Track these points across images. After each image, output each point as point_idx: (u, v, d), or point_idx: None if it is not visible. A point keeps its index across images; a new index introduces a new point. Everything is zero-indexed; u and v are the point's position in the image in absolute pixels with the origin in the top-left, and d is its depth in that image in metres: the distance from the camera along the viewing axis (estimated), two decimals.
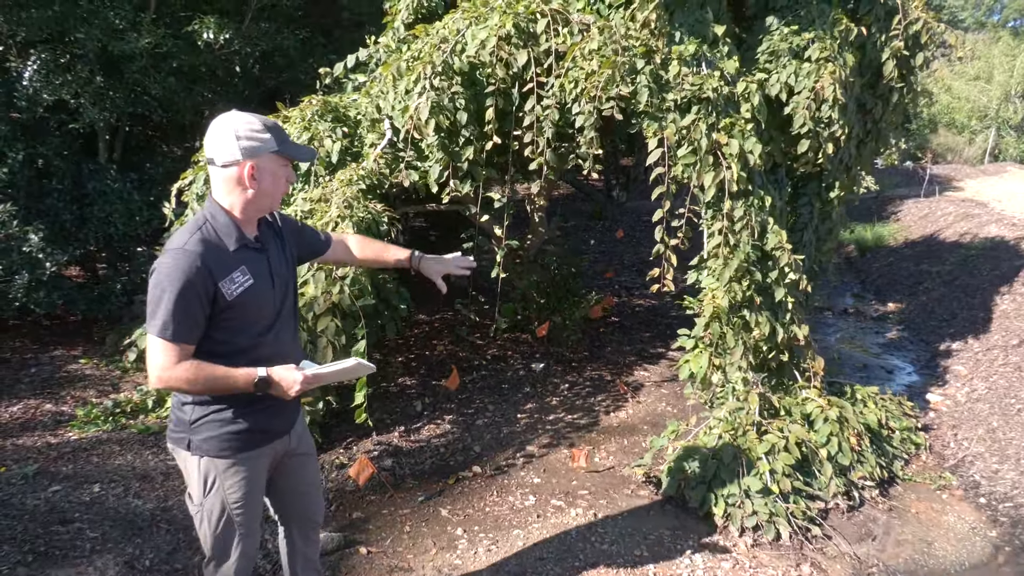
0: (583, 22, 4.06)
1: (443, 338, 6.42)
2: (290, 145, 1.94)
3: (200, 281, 1.78)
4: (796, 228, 4.55)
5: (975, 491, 4.12)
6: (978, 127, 21.34)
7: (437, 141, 3.98)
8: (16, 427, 4.29)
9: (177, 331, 1.78)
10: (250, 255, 1.95)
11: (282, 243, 2.12)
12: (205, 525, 2.04)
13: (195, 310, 1.80)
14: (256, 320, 1.96)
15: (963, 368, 5.97)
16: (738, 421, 3.83)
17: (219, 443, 1.95)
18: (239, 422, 1.96)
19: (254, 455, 2.03)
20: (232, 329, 1.90)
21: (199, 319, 1.82)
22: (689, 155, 3.79)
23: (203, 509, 2.02)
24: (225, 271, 1.85)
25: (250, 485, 2.05)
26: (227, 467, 1.98)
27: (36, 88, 5.20)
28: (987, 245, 9.16)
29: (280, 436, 2.12)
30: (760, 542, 3.40)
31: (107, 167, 5.88)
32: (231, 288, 1.85)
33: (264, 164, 1.88)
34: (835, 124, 4.10)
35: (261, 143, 1.85)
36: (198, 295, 1.79)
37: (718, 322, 3.87)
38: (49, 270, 5.22)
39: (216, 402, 1.93)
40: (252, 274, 1.92)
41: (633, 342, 6.49)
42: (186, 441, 1.96)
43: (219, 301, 1.84)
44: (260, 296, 1.94)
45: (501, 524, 3.51)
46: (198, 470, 1.98)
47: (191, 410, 1.94)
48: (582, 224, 11.95)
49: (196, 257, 1.79)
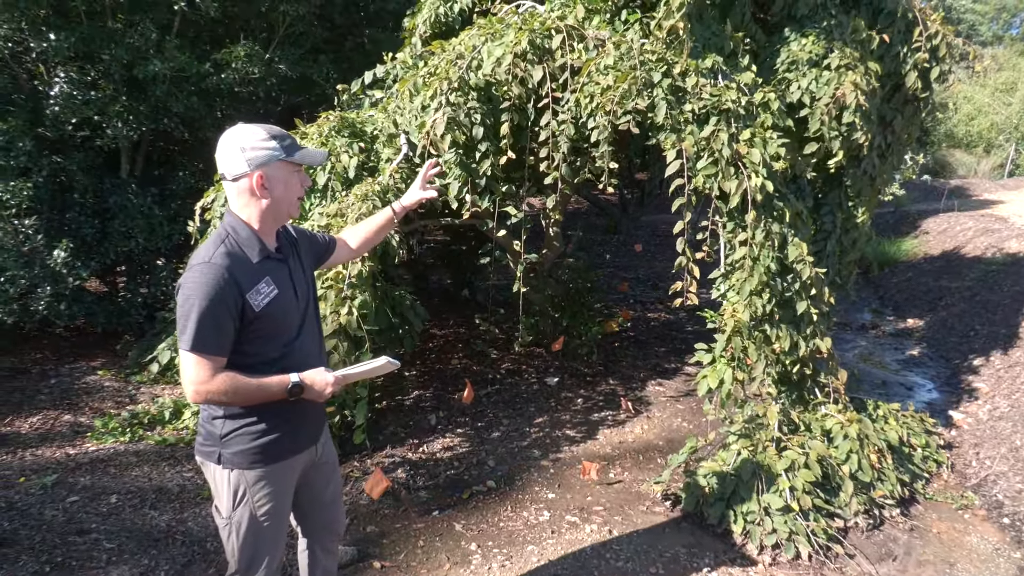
0: (598, 37, 4.09)
1: (458, 352, 6.43)
2: (296, 150, 1.96)
3: (228, 293, 1.81)
4: (819, 238, 4.51)
5: (998, 511, 4.04)
6: (1000, 140, 21.13)
7: (455, 158, 4.01)
8: (35, 438, 4.34)
9: (209, 344, 1.80)
10: (273, 266, 1.97)
11: (298, 252, 2.15)
12: (233, 538, 2.04)
13: (225, 322, 1.82)
14: (283, 330, 1.98)
15: (984, 385, 5.87)
16: (757, 437, 3.78)
17: (251, 455, 1.97)
18: (271, 433, 1.98)
19: (284, 466, 2.05)
20: (260, 340, 1.92)
21: (229, 331, 1.84)
22: (710, 166, 3.78)
23: (232, 522, 2.03)
24: (251, 283, 1.88)
25: (279, 497, 2.06)
26: (257, 479, 2.00)
27: (62, 106, 5.31)
28: (1008, 260, 9.03)
29: (309, 447, 2.15)
30: (779, 561, 3.35)
31: (128, 182, 5.97)
32: (258, 299, 1.88)
33: (273, 172, 1.91)
34: (857, 130, 4.08)
35: (267, 152, 1.88)
36: (227, 307, 1.81)
37: (740, 336, 3.84)
38: (72, 284, 5.29)
39: (248, 414, 1.95)
40: (276, 284, 1.95)
41: (648, 357, 6.46)
42: (216, 454, 1.97)
43: (247, 313, 1.86)
44: (285, 306, 1.97)
45: (515, 540, 3.49)
46: (228, 483, 1.99)
47: (221, 424, 1.95)
48: (597, 238, 11.95)
49: (223, 270, 1.81)
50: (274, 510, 2.06)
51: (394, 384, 5.51)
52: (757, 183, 3.68)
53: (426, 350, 6.42)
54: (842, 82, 4.02)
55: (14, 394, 4.94)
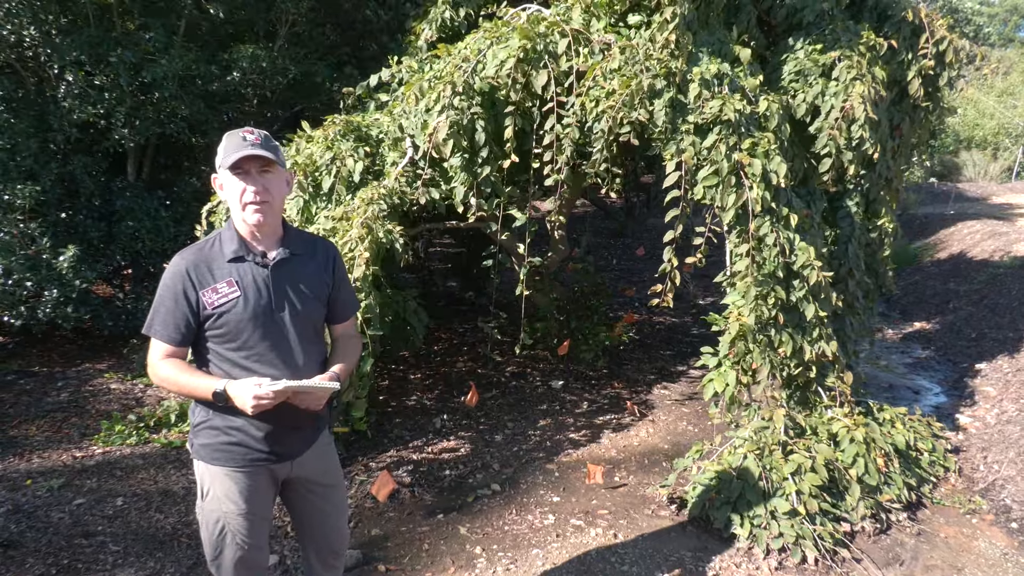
0: (604, 42, 4.09)
1: (463, 355, 6.43)
2: (229, 155, 1.89)
3: (182, 287, 1.91)
4: (839, 241, 4.49)
5: (1006, 516, 4.01)
6: (1007, 143, 21.03)
7: (460, 162, 4.02)
8: (42, 440, 4.35)
9: (158, 329, 1.93)
10: (247, 268, 1.97)
11: (319, 271, 2.10)
12: (203, 528, 2.10)
13: (175, 312, 1.92)
14: (246, 333, 1.95)
15: (992, 389, 5.84)
16: (763, 440, 3.77)
17: (211, 451, 2.01)
18: (228, 435, 1.99)
19: (247, 472, 2.03)
20: (218, 339, 1.96)
21: (179, 322, 1.92)
22: (711, 176, 3.77)
23: (202, 512, 2.09)
24: (209, 281, 1.93)
25: (244, 500, 2.04)
26: (219, 476, 2.02)
27: (68, 108, 5.34)
28: (1016, 264, 8.99)
29: (279, 461, 2.08)
30: (785, 565, 3.33)
31: (135, 185, 6.00)
32: (213, 298, 1.92)
33: (223, 176, 1.96)
34: (866, 143, 4.08)
35: (220, 155, 1.94)
36: (177, 299, 1.91)
37: (744, 340, 3.83)
38: (79, 287, 5.32)
39: (207, 412, 1.99)
40: (241, 288, 1.94)
41: (653, 360, 6.44)
42: (192, 443, 2.05)
43: (202, 309, 1.92)
44: (250, 310, 1.94)
45: (520, 543, 3.48)
46: (197, 473, 2.07)
47: (193, 413, 2.03)
48: (603, 242, 11.94)
49: (184, 265, 1.93)
50: (239, 512, 2.04)
51: (400, 387, 5.52)
52: (758, 194, 3.67)
53: (431, 353, 6.42)
54: (850, 94, 4.01)
55: (21, 397, 4.96)
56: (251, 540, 2.11)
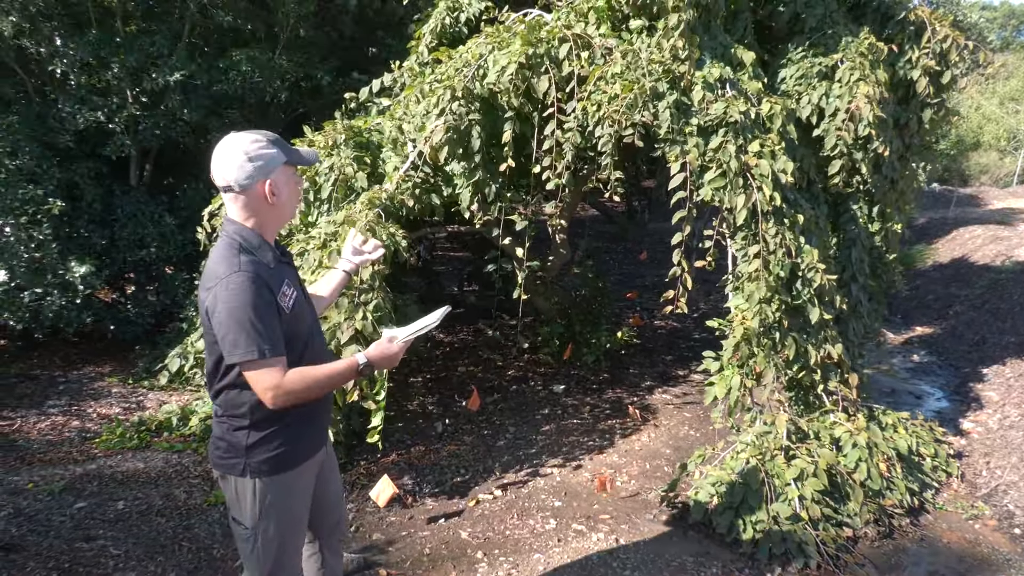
0: (605, 46, 4.09)
1: (464, 359, 6.42)
2: (294, 152, 1.96)
3: (267, 295, 1.83)
4: (844, 245, 4.49)
5: (1009, 521, 3.99)
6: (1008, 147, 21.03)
7: (461, 169, 4.02)
8: (44, 444, 4.35)
9: (269, 347, 1.80)
10: (285, 269, 2.00)
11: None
12: (259, 548, 2.01)
13: (274, 322, 1.83)
14: (304, 330, 2.00)
15: (994, 394, 5.82)
16: (766, 445, 3.76)
17: (279, 461, 1.97)
18: (300, 435, 2.01)
19: (306, 467, 2.08)
20: (288, 341, 1.91)
21: (279, 331, 1.84)
22: (718, 178, 3.77)
23: (257, 532, 2.00)
24: (276, 286, 1.89)
25: (303, 501, 2.10)
26: (283, 485, 2.00)
27: (71, 113, 5.35)
28: (1018, 268, 8.97)
29: (322, 446, 2.18)
30: (788, 570, 3.32)
31: (138, 190, 6.01)
32: (286, 302, 1.91)
33: (278, 178, 1.91)
34: (875, 141, 4.09)
35: (272, 157, 1.88)
36: (272, 309, 1.84)
37: (748, 344, 3.82)
38: (83, 292, 5.31)
39: (279, 420, 1.94)
40: (294, 286, 1.98)
41: (655, 364, 6.44)
42: (240, 466, 1.94)
43: (281, 315, 1.88)
44: (304, 305, 2.02)
45: (521, 548, 3.47)
46: (253, 493, 1.96)
47: (246, 435, 1.93)
48: (605, 246, 11.93)
49: (255, 275, 1.81)
50: (299, 516, 2.09)
51: (401, 391, 5.51)
52: (767, 195, 3.67)
53: (433, 357, 6.42)
54: (855, 95, 4.02)
55: (23, 400, 4.96)
56: (302, 544, 2.18)
